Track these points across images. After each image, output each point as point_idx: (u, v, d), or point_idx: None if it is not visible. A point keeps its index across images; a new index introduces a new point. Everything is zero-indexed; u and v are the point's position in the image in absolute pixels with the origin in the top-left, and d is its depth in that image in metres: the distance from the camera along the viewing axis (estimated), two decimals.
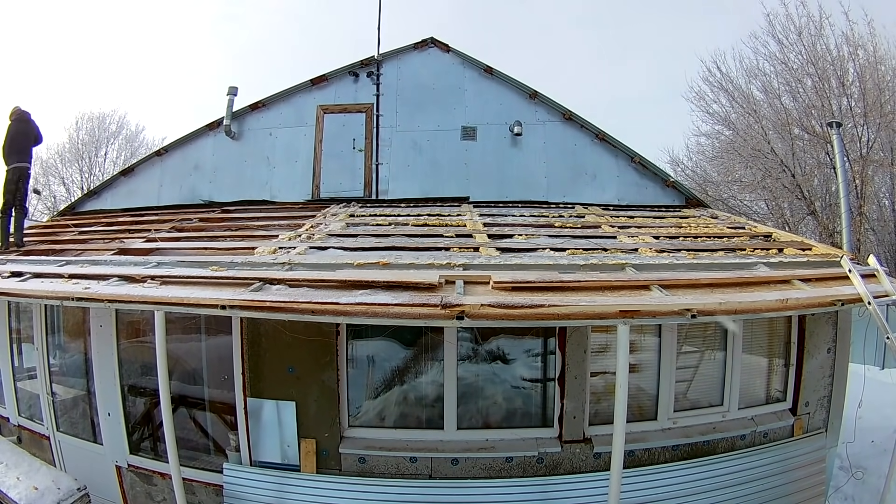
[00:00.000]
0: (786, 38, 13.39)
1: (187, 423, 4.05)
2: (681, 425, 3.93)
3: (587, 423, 3.80)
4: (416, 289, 2.92)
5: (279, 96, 6.89)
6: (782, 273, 3.42)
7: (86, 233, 5.60)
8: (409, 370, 3.94)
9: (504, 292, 2.88)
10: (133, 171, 7.05)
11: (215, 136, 6.88)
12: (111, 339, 4.11)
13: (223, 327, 3.85)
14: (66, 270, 3.78)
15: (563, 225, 4.90)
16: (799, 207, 13.58)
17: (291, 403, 3.71)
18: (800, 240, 4.75)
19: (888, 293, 3.25)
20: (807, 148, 13.20)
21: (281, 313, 2.84)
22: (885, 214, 13.50)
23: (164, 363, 3.18)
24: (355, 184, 6.59)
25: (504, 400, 3.93)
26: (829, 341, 4.20)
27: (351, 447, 3.72)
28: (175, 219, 5.84)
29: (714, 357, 4.12)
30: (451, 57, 6.96)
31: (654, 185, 6.56)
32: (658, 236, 4.55)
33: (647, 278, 3.16)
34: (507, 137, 6.62)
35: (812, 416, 4.19)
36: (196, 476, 3.89)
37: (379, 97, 6.78)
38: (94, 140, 22.93)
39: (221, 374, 3.91)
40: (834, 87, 12.60)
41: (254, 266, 3.54)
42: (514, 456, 3.72)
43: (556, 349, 3.83)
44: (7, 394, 4.88)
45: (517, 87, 6.72)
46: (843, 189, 9.21)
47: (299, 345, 3.64)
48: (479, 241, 4.22)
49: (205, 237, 4.85)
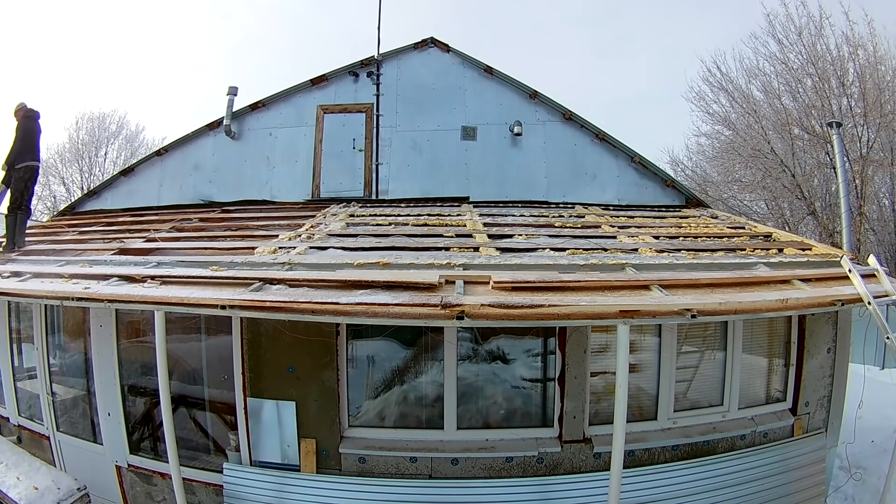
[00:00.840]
0: (786, 38, 13.41)
1: (187, 423, 4.05)
2: (681, 425, 3.93)
3: (587, 423, 3.80)
4: (416, 289, 2.92)
5: (279, 96, 6.89)
6: (782, 273, 3.42)
7: (86, 233, 5.60)
8: (409, 370, 3.94)
9: (504, 292, 2.88)
10: (133, 171, 7.05)
11: (215, 136, 6.88)
12: (111, 339, 4.11)
13: (223, 327, 3.84)
14: (66, 270, 3.79)
15: (563, 225, 4.90)
16: (799, 207, 13.59)
17: (291, 403, 3.71)
18: (800, 240, 4.75)
19: (888, 293, 3.26)
20: (807, 148, 13.20)
21: (281, 313, 2.84)
22: (885, 214, 13.50)
23: (164, 363, 3.18)
24: (355, 184, 6.59)
25: (504, 400, 3.93)
26: (829, 341, 4.20)
27: (351, 447, 3.72)
28: (175, 219, 5.84)
29: (714, 357, 4.12)
30: (451, 57, 6.96)
31: (654, 185, 6.56)
32: (658, 236, 4.55)
33: (647, 278, 3.16)
34: (507, 137, 6.63)
35: (812, 417, 4.19)
36: (196, 476, 3.89)
37: (379, 97, 6.78)
38: (94, 140, 22.94)
39: (221, 374, 3.91)
40: (834, 87, 12.60)
41: (254, 266, 3.54)
42: (514, 456, 3.72)
43: (556, 349, 3.83)
44: (7, 394, 4.88)
45: (517, 87, 6.72)
46: (843, 189, 9.22)
47: (299, 345, 3.64)
48: (479, 241, 4.22)
49: (205, 237, 4.85)
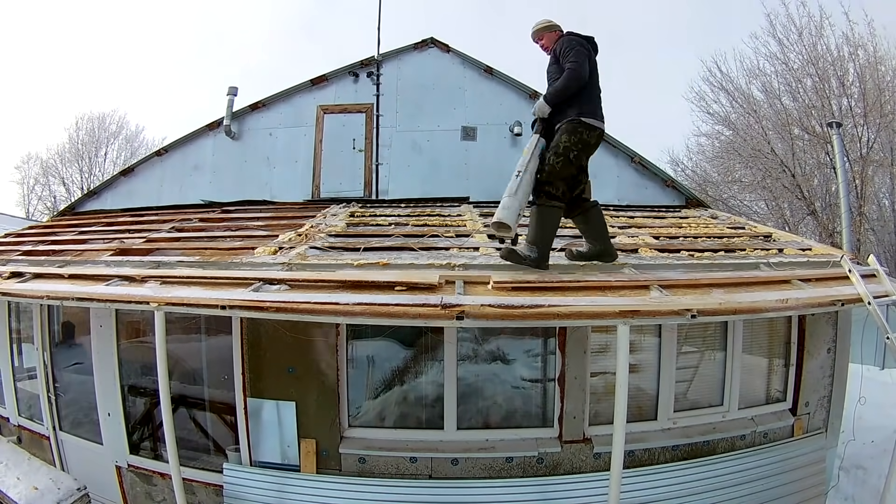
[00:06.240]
0: (786, 39, 13.43)
1: (187, 423, 4.05)
2: (681, 425, 3.93)
3: (587, 423, 3.80)
4: (415, 289, 2.92)
5: (279, 96, 6.89)
6: (782, 273, 3.42)
7: (86, 233, 5.59)
8: (409, 370, 3.93)
9: (504, 292, 2.88)
10: (133, 171, 7.05)
11: (215, 136, 6.88)
12: (111, 339, 4.11)
13: (223, 327, 3.84)
14: (66, 270, 3.78)
15: (562, 225, 4.89)
16: (799, 207, 13.59)
17: (291, 403, 3.71)
18: (800, 240, 4.75)
19: (888, 293, 3.25)
20: (807, 148, 13.21)
21: (281, 313, 2.84)
22: (885, 214, 13.51)
23: (164, 363, 3.18)
24: (355, 184, 6.59)
25: (504, 400, 3.92)
26: (829, 341, 4.20)
27: (351, 447, 3.72)
28: (175, 219, 5.83)
29: (714, 357, 4.12)
30: (451, 57, 6.96)
31: (654, 185, 6.56)
32: (658, 236, 4.55)
33: (647, 278, 3.16)
34: (507, 137, 6.63)
35: (812, 417, 4.19)
36: (196, 476, 3.89)
37: (379, 97, 6.78)
38: (94, 140, 22.98)
39: (221, 374, 3.91)
40: (834, 88, 12.61)
41: (254, 266, 3.54)
42: (514, 456, 3.72)
43: (556, 349, 3.83)
44: (7, 394, 4.88)
45: (517, 88, 6.72)
46: (843, 189, 9.23)
47: (299, 345, 3.64)
48: (479, 241, 4.22)
49: (205, 237, 4.84)
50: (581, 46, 3.31)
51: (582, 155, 3.32)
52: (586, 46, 3.35)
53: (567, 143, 3.23)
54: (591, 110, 3.29)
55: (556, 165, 3.24)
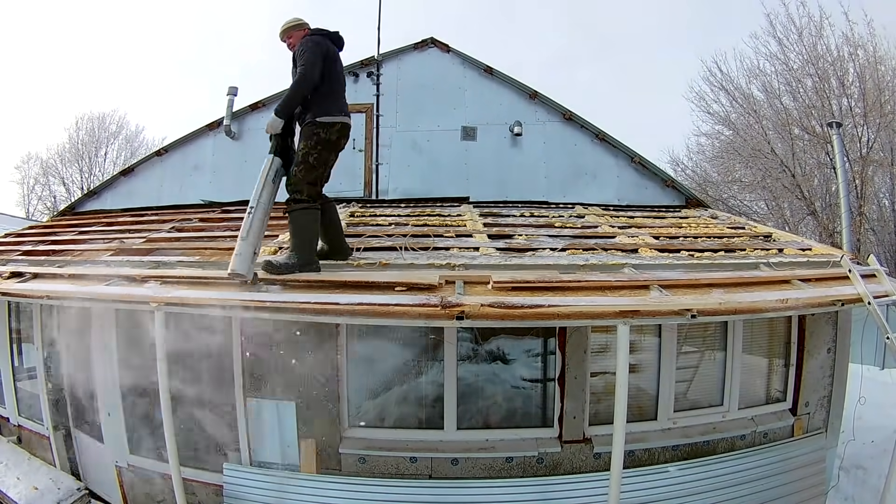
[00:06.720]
0: (786, 39, 13.43)
1: (187, 423, 4.04)
2: (681, 425, 3.93)
3: (587, 423, 3.80)
4: (415, 289, 2.92)
5: (279, 96, 6.87)
6: (782, 273, 3.42)
7: (86, 233, 5.59)
8: (409, 370, 3.93)
9: (504, 292, 2.88)
10: (133, 171, 7.04)
11: (215, 136, 6.87)
12: (111, 339, 4.10)
13: (223, 327, 3.84)
14: (66, 270, 3.78)
15: (563, 225, 4.90)
16: (799, 207, 13.59)
17: (291, 403, 3.71)
18: (800, 240, 4.75)
19: (888, 293, 3.25)
20: (807, 148, 13.21)
21: (281, 313, 2.84)
22: (885, 214, 13.50)
23: (164, 363, 3.18)
24: (355, 184, 6.59)
25: (504, 400, 3.92)
26: (829, 341, 4.19)
27: (351, 447, 3.72)
28: (175, 219, 5.83)
29: (714, 357, 4.12)
30: (451, 57, 6.95)
31: (653, 185, 6.56)
32: (658, 236, 4.55)
33: (647, 278, 3.16)
34: (507, 137, 6.62)
35: (812, 417, 4.19)
36: (196, 476, 3.89)
37: (379, 97, 6.77)
38: (94, 140, 22.98)
39: (221, 374, 3.91)
40: (834, 88, 12.61)
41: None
42: (514, 456, 3.72)
43: (556, 349, 3.83)
44: (7, 394, 4.88)
45: (517, 88, 6.71)
46: (843, 189, 9.23)
47: (299, 345, 3.64)
48: (479, 241, 4.22)
49: (205, 237, 4.84)
50: (316, 45, 3.32)
51: (325, 154, 3.36)
52: (323, 44, 3.37)
53: (304, 148, 3.30)
54: (325, 109, 3.33)
55: (300, 174, 3.29)
